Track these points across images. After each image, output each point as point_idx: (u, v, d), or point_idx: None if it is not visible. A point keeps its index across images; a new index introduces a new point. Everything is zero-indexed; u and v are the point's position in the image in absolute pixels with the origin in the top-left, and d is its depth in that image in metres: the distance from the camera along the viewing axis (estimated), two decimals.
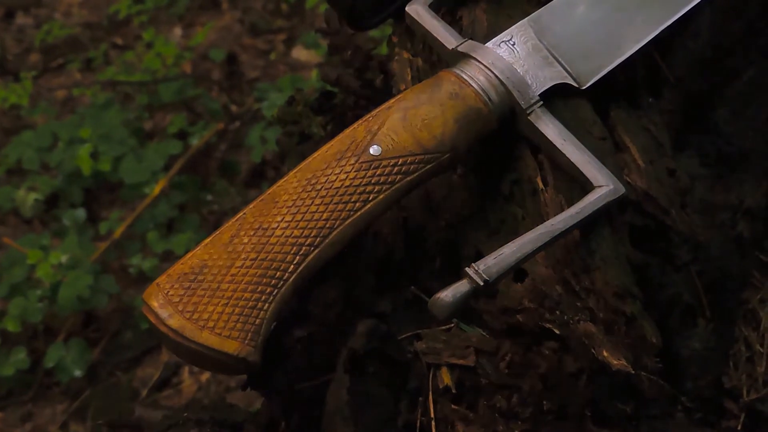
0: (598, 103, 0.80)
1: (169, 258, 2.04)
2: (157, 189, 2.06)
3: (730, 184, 0.95)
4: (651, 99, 0.83)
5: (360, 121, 0.71)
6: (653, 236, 0.78)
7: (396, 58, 0.86)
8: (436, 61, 0.82)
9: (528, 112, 0.73)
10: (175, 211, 2.09)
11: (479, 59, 0.74)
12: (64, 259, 1.94)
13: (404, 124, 0.70)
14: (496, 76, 0.73)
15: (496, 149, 0.77)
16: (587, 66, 0.77)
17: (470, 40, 0.76)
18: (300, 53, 2.72)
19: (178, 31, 2.90)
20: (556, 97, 0.77)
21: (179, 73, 2.48)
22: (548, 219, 0.72)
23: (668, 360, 0.82)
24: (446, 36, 0.77)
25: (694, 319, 0.86)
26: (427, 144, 0.70)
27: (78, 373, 1.79)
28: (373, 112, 0.71)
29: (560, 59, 0.77)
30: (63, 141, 2.25)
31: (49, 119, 2.41)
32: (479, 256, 0.76)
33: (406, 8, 0.79)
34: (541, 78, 0.76)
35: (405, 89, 0.84)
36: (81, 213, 2.17)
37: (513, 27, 0.78)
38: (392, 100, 0.72)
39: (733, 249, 0.95)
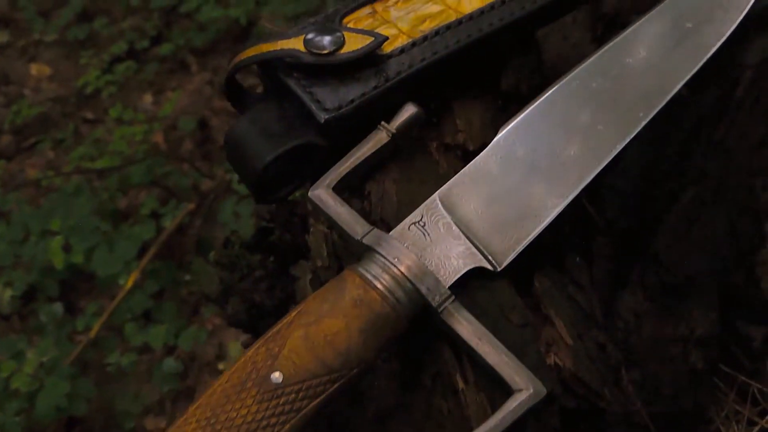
0: (520, 272, 0.76)
1: (147, 351, 2.01)
2: (129, 282, 2.03)
3: (679, 315, 0.91)
4: (578, 259, 0.79)
5: (261, 341, 0.67)
6: (588, 416, 0.73)
7: (312, 230, 0.82)
8: None
9: (439, 310, 0.68)
10: (150, 302, 2.06)
11: (384, 255, 0.69)
12: (43, 359, 1.92)
13: (306, 344, 0.66)
14: (403, 274, 0.68)
15: (416, 337, 0.73)
16: (503, 242, 0.73)
17: (375, 230, 0.72)
18: None
19: (148, 98, 2.86)
20: (473, 278, 0.73)
21: (149, 150, 2.45)
22: (471, 420, 0.68)
23: None
24: (351, 224, 0.72)
25: None
26: (332, 363, 0.66)
27: None
28: (275, 329, 0.67)
29: (473, 238, 0.72)
30: (34, 234, 2.22)
31: (21, 206, 2.38)
32: None
33: (309, 194, 0.74)
34: (453, 265, 0.71)
35: (321, 266, 0.80)
36: (58, 307, 2.15)
37: (423, 205, 0.74)
38: (294, 312, 0.68)
39: (686, 383, 0.91)
